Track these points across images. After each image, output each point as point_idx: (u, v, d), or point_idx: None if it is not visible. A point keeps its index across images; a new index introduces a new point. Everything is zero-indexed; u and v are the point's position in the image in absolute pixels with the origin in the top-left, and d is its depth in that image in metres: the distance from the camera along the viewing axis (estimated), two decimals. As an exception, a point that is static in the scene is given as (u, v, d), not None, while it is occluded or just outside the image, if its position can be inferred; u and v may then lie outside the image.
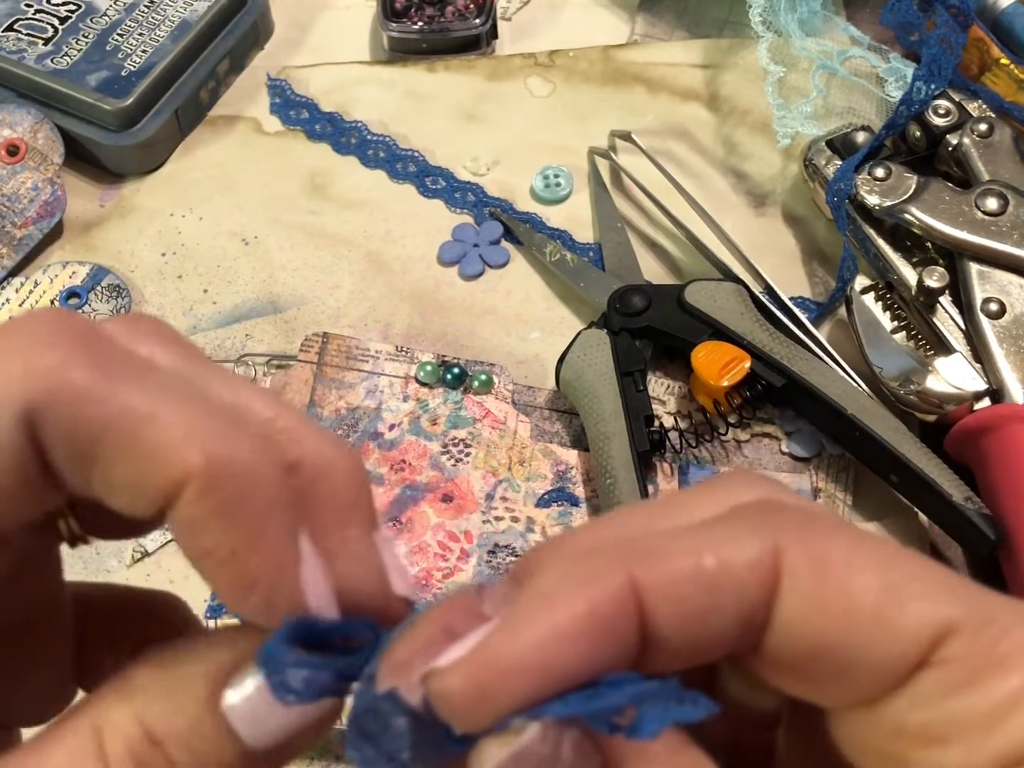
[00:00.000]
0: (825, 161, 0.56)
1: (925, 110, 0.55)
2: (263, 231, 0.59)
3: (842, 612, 0.19)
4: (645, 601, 0.19)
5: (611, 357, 0.51)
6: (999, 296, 0.50)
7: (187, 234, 0.59)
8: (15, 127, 0.58)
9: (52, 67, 0.60)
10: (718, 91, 0.63)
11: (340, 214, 0.59)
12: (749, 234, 0.57)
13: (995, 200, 0.51)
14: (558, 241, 0.58)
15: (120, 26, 0.61)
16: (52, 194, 0.58)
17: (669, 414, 0.52)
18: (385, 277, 0.57)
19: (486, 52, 0.65)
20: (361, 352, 0.54)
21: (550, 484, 0.50)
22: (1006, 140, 0.53)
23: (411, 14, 0.64)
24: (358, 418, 0.52)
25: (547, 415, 0.53)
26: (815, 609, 0.19)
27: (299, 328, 0.55)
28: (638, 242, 0.58)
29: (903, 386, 0.49)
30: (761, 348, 0.50)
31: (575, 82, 0.64)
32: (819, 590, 0.19)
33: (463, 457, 0.51)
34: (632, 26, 0.66)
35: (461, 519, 0.49)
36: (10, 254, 0.56)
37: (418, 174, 0.61)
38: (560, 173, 0.60)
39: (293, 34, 0.66)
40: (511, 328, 0.56)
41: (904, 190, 0.52)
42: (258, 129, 0.63)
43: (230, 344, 0.55)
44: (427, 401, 0.52)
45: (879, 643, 0.19)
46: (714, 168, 0.60)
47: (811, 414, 0.51)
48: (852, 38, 0.59)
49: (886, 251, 0.53)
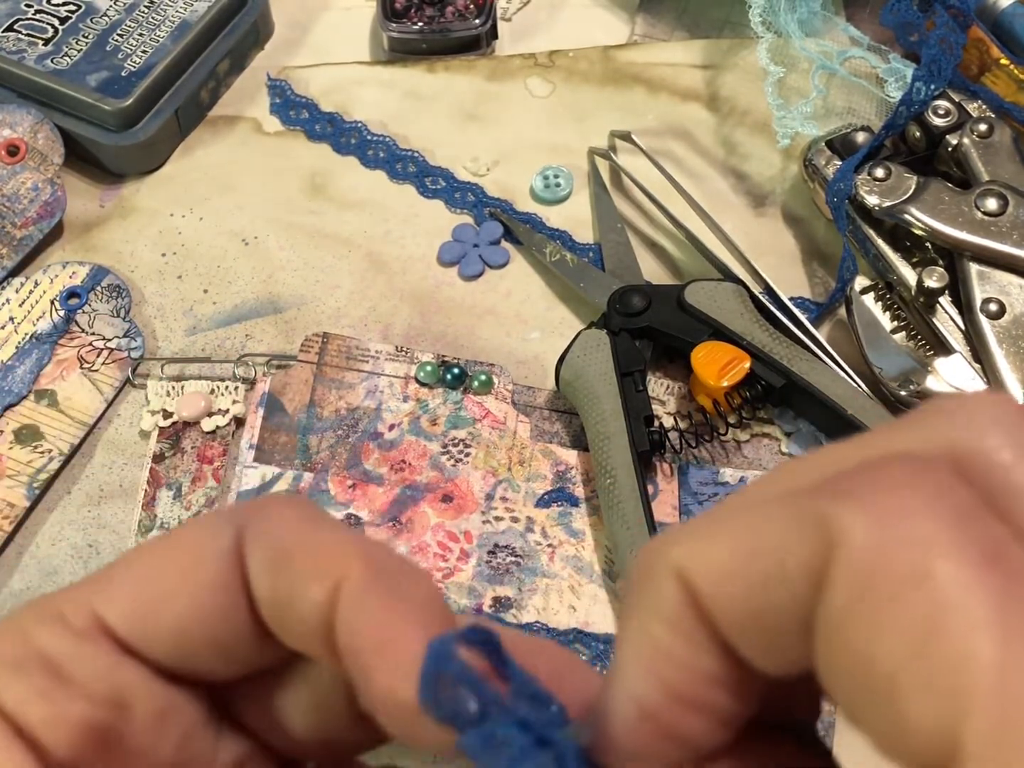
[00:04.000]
0: (825, 161, 0.56)
1: (925, 110, 0.55)
2: (263, 231, 0.59)
3: (856, 668, 0.15)
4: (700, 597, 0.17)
5: (611, 357, 0.51)
6: (999, 296, 0.50)
7: (187, 234, 0.59)
8: (15, 127, 0.58)
9: (52, 67, 0.60)
10: (718, 91, 0.63)
11: (340, 214, 0.59)
12: (749, 234, 0.57)
13: (995, 200, 0.51)
14: (558, 241, 0.58)
15: (120, 26, 0.61)
16: (52, 194, 0.58)
17: (669, 414, 0.52)
18: (385, 277, 0.57)
19: (486, 52, 0.65)
20: (361, 352, 0.54)
21: (550, 484, 0.50)
22: (1006, 140, 0.54)
23: (411, 14, 0.64)
24: (358, 418, 0.52)
25: (547, 415, 0.53)
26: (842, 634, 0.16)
27: (299, 328, 0.55)
28: (638, 242, 0.58)
29: (903, 386, 0.49)
30: (761, 348, 0.50)
31: (575, 82, 0.64)
32: (850, 610, 0.16)
33: (463, 457, 0.51)
34: (632, 26, 0.66)
35: (461, 519, 0.49)
36: (10, 254, 0.56)
37: (418, 174, 0.61)
38: (560, 173, 0.60)
39: (293, 34, 0.66)
40: (511, 328, 0.56)
41: (904, 190, 0.52)
42: (258, 129, 0.63)
43: (230, 344, 0.55)
44: (427, 401, 0.52)
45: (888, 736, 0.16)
46: (714, 168, 0.60)
47: (811, 414, 0.51)
48: (852, 38, 0.59)
49: (886, 251, 0.53)
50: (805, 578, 0.16)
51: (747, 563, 0.16)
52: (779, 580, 0.16)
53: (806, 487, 0.17)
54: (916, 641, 0.15)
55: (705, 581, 0.17)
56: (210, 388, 0.53)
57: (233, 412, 0.52)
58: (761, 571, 0.16)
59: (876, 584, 0.15)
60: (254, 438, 0.51)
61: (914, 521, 0.15)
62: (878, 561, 0.15)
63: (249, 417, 0.52)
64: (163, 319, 0.56)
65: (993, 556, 0.15)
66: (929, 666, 0.15)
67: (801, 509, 0.16)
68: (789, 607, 0.16)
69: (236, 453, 0.52)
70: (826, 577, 0.16)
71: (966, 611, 0.15)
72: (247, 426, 0.52)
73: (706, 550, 0.17)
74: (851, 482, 0.16)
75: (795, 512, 0.16)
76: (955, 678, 0.15)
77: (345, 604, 0.19)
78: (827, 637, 0.16)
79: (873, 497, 0.16)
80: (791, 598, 0.16)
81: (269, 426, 0.52)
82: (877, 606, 0.15)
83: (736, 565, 0.17)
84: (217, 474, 0.51)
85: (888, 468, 0.16)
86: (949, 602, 0.15)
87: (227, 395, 0.53)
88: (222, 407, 0.52)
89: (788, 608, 0.16)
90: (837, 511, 0.16)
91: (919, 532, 0.15)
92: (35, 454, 0.51)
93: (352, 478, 0.50)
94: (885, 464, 0.16)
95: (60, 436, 0.52)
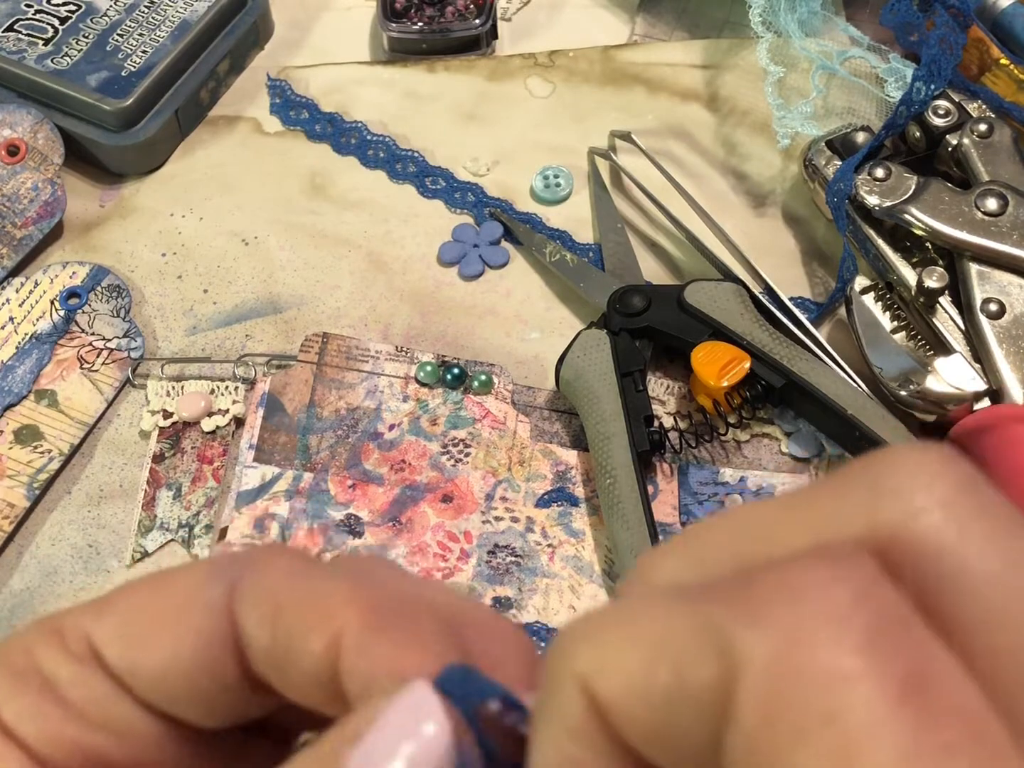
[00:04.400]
0: (825, 161, 0.56)
1: (925, 110, 0.55)
2: (263, 231, 0.59)
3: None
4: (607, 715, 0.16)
5: (611, 357, 0.51)
6: (999, 296, 0.50)
7: (187, 234, 0.59)
8: (15, 127, 0.58)
9: (52, 67, 0.60)
10: (718, 91, 0.63)
11: (340, 214, 0.59)
12: (749, 234, 0.57)
13: (995, 200, 0.51)
14: (558, 241, 0.58)
15: (120, 26, 0.61)
16: (52, 194, 0.58)
17: (669, 414, 0.52)
18: (385, 277, 0.57)
19: (486, 52, 0.65)
20: (361, 352, 0.54)
21: (550, 484, 0.50)
22: (1006, 140, 0.54)
23: (411, 14, 0.64)
24: (358, 418, 0.52)
25: (547, 415, 0.53)
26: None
27: (299, 328, 0.55)
28: (638, 242, 0.58)
29: (903, 386, 0.49)
30: (761, 348, 0.50)
31: (575, 82, 0.64)
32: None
33: (463, 457, 0.51)
34: (632, 26, 0.66)
35: (461, 519, 0.49)
36: (10, 254, 0.56)
37: (418, 174, 0.61)
38: (560, 173, 0.60)
39: (293, 34, 0.66)
40: (511, 328, 0.56)
41: (904, 190, 0.52)
42: (258, 129, 0.63)
43: (230, 344, 0.55)
44: (427, 401, 0.52)
45: None
46: (714, 168, 0.60)
47: (811, 414, 0.51)
48: (852, 38, 0.59)
49: (886, 251, 0.53)
50: (709, 701, 0.15)
51: (649, 678, 0.15)
52: (682, 700, 0.15)
53: (712, 583, 0.16)
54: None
55: (609, 695, 0.16)
56: (210, 388, 0.53)
57: (233, 412, 0.52)
58: (664, 689, 0.15)
59: (783, 716, 0.14)
60: (254, 438, 0.51)
61: (823, 647, 0.14)
62: (784, 692, 0.14)
63: (249, 417, 0.52)
64: (163, 319, 0.56)
65: (912, 686, 0.14)
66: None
67: (704, 622, 0.15)
68: (695, 727, 0.15)
69: (236, 453, 0.52)
70: (731, 702, 0.15)
71: (876, 755, 0.14)
72: (247, 426, 0.52)
73: (608, 660, 0.16)
74: (755, 592, 0.15)
75: (697, 625, 0.15)
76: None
77: (348, 651, 0.19)
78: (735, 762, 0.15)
79: (777, 614, 0.14)
80: (696, 718, 0.15)
81: (269, 426, 0.52)
82: (785, 740, 0.14)
83: (639, 680, 0.15)
84: (217, 474, 0.51)
85: (797, 572, 0.15)
86: (858, 745, 0.14)
87: (227, 395, 0.53)
88: (222, 407, 0.52)
89: (694, 728, 0.15)
90: (739, 632, 0.14)
91: (828, 661, 0.14)
92: (35, 454, 0.51)
93: (352, 478, 0.50)
94: (793, 567, 0.15)
95: (60, 436, 0.52)
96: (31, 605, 0.48)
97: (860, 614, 0.14)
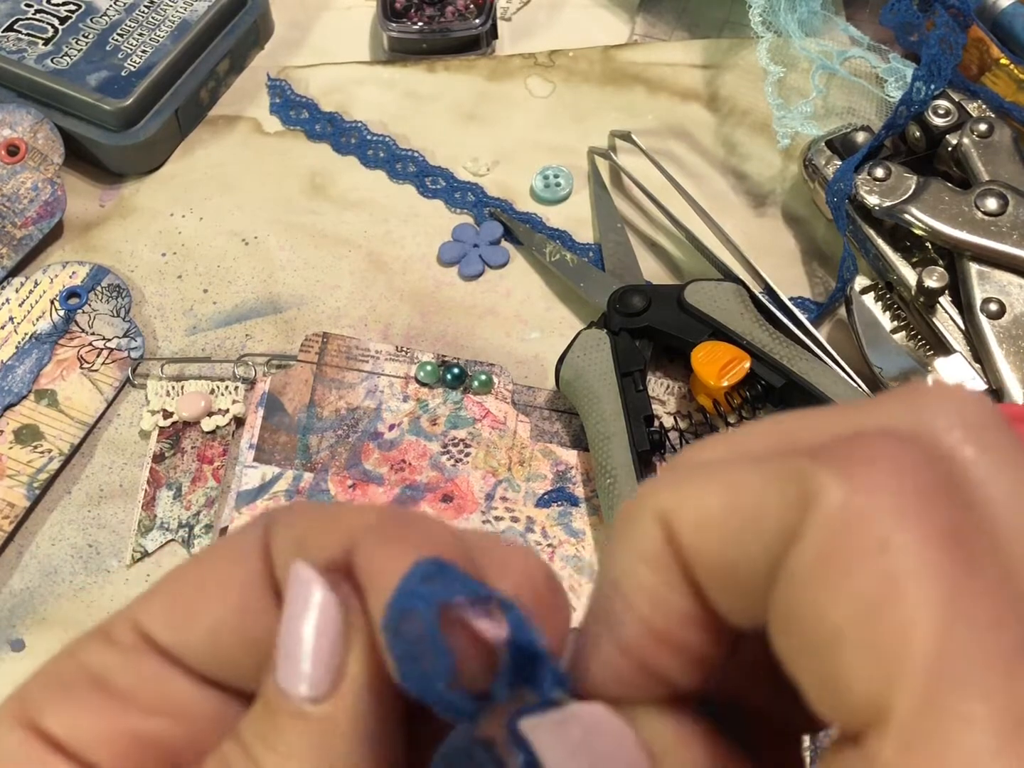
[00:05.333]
0: (825, 161, 0.56)
1: (925, 110, 0.55)
2: (263, 231, 0.59)
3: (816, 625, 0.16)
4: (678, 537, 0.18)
5: (611, 357, 0.51)
6: (999, 296, 0.50)
7: (187, 234, 0.59)
8: (15, 127, 0.58)
9: (52, 67, 0.60)
10: (718, 91, 0.63)
11: (340, 214, 0.59)
12: (749, 234, 0.57)
13: (995, 200, 0.51)
14: (558, 241, 0.58)
15: (120, 26, 0.61)
16: (52, 194, 0.58)
17: (669, 414, 0.52)
18: (385, 277, 0.57)
19: (486, 52, 0.65)
20: (361, 352, 0.54)
21: (550, 484, 0.50)
22: (1006, 140, 0.54)
23: (411, 14, 0.64)
24: (358, 418, 0.52)
25: (547, 415, 0.53)
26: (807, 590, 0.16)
27: (299, 328, 0.55)
28: (638, 242, 0.58)
29: (903, 386, 0.49)
30: (761, 348, 0.50)
31: (575, 82, 0.64)
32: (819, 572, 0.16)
33: (463, 457, 0.51)
34: (632, 26, 0.66)
35: (461, 519, 0.49)
36: (10, 254, 0.56)
37: (418, 174, 0.61)
38: (560, 173, 0.60)
39: (293, 34, 0.66)
40: (511, 328, 0.56)
41: (904, 190, 0.52)
42: (258, 129, 0.63)
43: (230, 344, 0.55)
44: (427, 401, 0.52)
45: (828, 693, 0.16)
46: (714, 168, 0.60)
47: (811, 414, 0.51)
48: (852, 38, 0.59)
49: (886, 251, 0.53)
50: (778, 532, 0.17)
51: (727, 515, 0.17)
52: (754, 533, 0.17)
53: (789, 448, 0.18)
54: (868, 603, 0.16)
55: (686, 527, 0.18)
56: (210, 388, 0.53)
57: (233, 412, 0.52)
58: (739, 524, 0.17)
59: (843, 545, 0.16)
60: (254, 438, 0.51)
61: (887, 492, 0.16)
62: (849, 524, 0.16)
63: (249, 417, 0.52)
64: (163, 319, 0.56)
65: (953, 537, 0.16)
66: (874, 629, 0.15)
67: (784, 467, 0.17)
68: (759, 560, 0.17)
69: (236, 453, 0.52)
70: (798, 533, 0.16)
71: (918, 585, 0.15)
72: (247, 426, 0.52)
73: (690, 499, 0.18)
74: (833, 448, 0.17)
75: (778, 470, 0.17)
76: (894, 646, 0.15)
77: (364, 539, 0.20)
78: (786, 589, 0.16)
79: (852, 464, 0.16)
80: (762, 551, 0.17)
81: (269, 426, 0.52)
82: (840, 566, 0.16)
83: (716, 516, 0.17)
84: (217, 474, 0.51)
85: (869, 440, 0.17)
86: (905, 573, 0.15)
87: (227, 395, 0.53)
88: (222, 407, 0.52)
89: (758, 561, 0.17)
90: (817, 472, 0.16)
91: (890, 503, 0.16)
92: (35, 454, 0.51)
93: (352, 478, 0.50)
94: (867, 436, 0.17)
95: (60, 436, 0.52)
96: (31, 605, 0.48)
97: (919, 476, 0.16)
